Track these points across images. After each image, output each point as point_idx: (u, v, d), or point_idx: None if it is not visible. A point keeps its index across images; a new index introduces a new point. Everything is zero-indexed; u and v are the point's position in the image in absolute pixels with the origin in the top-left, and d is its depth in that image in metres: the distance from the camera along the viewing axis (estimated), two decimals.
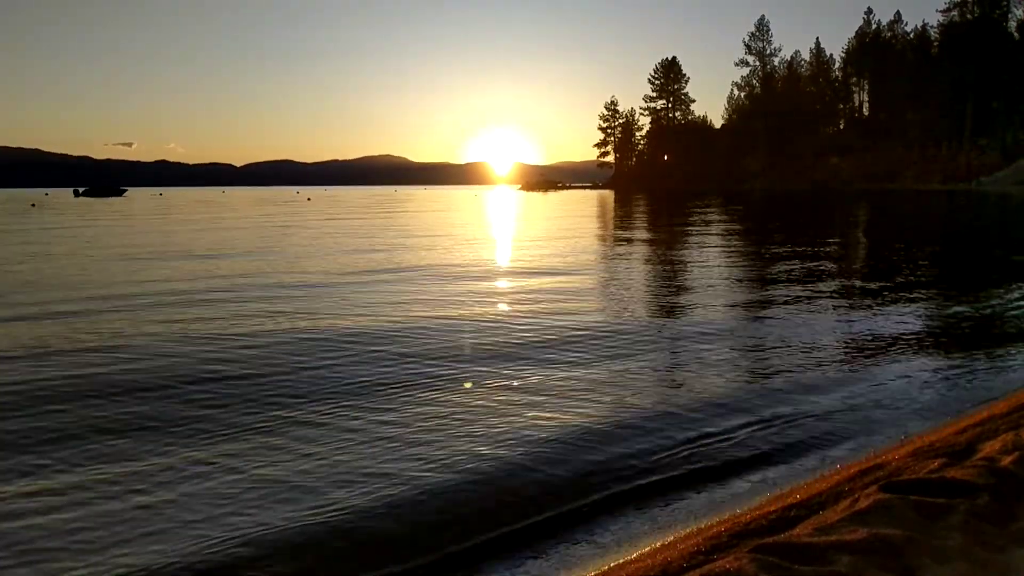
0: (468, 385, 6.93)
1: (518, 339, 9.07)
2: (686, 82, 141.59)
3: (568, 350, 8.46)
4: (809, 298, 12.23)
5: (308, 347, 8.63)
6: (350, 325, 9.97)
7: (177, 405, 6.38)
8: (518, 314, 10.86)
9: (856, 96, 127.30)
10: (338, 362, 7.90)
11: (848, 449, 5.40)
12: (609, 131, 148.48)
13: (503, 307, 11.69)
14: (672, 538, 4.06)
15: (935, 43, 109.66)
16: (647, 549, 3.95)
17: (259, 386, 6.97)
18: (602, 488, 4.73)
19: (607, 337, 9.19)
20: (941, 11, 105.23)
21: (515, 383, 7.06)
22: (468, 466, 5.03)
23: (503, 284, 14.71)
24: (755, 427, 5.83)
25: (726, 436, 5.63)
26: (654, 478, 4.89)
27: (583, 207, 58.10)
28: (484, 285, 14.24)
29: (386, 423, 5.90)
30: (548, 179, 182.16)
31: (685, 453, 5.30)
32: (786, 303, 11.81)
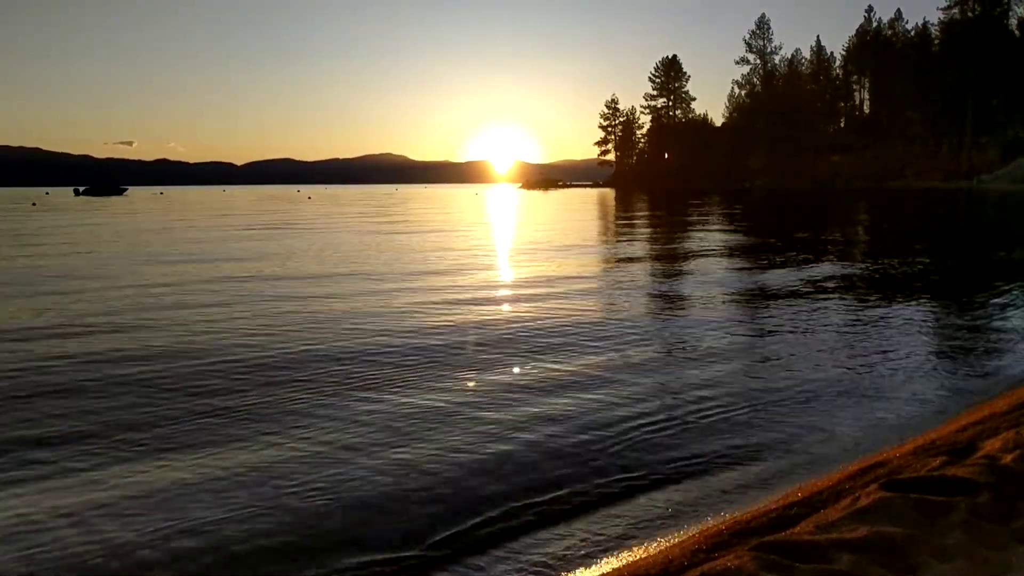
0: (471, 385, 6.94)
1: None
2: (687, 80, 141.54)
3: (567, 344, 8.50)
4: (808, 296, 12.23)
5: None
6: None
7: None
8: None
9: (857, 94, 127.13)
10: None
11: (849, 447, 5.40)
12: (610, 129, 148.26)
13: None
14: (674, 535, 4.07)
15: (936, 41, 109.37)
16: (648, 546, 3.95)
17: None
18: (602, 485, 4.74)
19: (605, 332, 9.22)
20: (942, 9, 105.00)
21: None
22: (472, 455, 5.06)
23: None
24: (755, 424, 5.84)
25: (725, 434, 5.64)
26: (654, 475, 4.90)
27: (584, 208, 57.98)
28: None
29: None
30: (548, 178, 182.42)
31: (684, 450, 5.30)
32: (785, 300, 11.81)
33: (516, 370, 7.57)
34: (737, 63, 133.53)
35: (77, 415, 6.20)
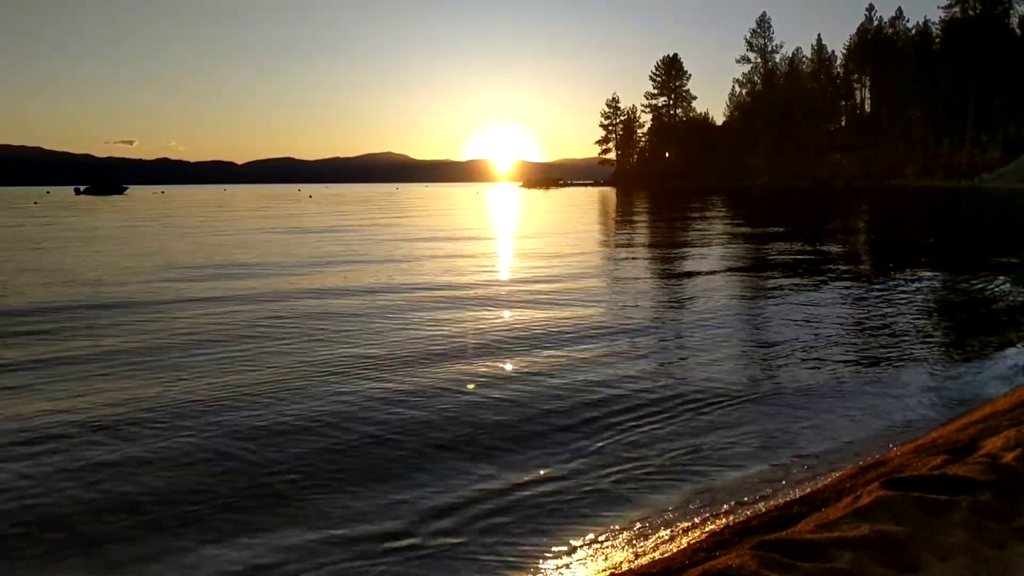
0: (471, 387, 6.92)
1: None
2: (687, 79, 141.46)
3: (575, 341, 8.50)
4: (811, 295, 12.23)
5: None
6: None
7: None
8: None
9: (858, 93, 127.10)
10: None
11: (850, 446, 5.40)
12: (610, 128, 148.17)
13: None
14: (675, 534, 4.07)
15: (937, 40, 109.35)
16: (650, 545, 3.96)
17: None
18: (601, 483, 4.74)
19: (609, 329, 9.22)
20: (943, 8, 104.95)
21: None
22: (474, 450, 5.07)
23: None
24: (756, 423, 5.85)
25: (727, 433, 5.64)
26: (654, 473, 4.90)
27: (590, 210, 57.92)
28: None
29: None
30: (549, 176, 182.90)
31: (686, 450, 5.31)
32: (788, 299, 11.80)
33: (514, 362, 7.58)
34: (738, 62, 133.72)
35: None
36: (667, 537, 4.05)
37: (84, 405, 6.39)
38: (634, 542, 4.04)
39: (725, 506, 4.43)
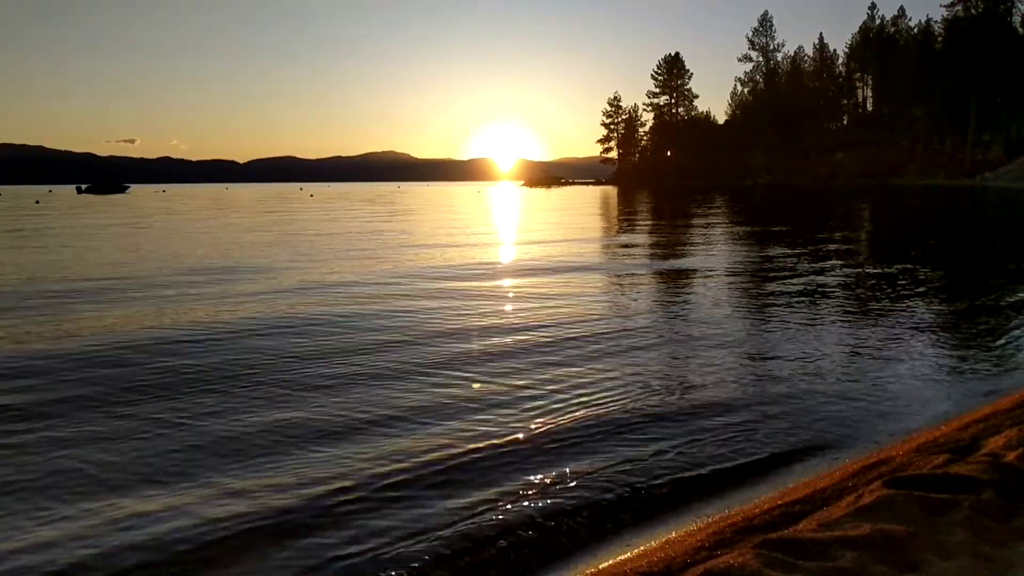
0: (476, 387, 6.91)
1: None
2: (689, 78, 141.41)
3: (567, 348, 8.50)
4: (812, 295, 12.22)
5: None
6: None
7: None
8: None
9: (860, 92, 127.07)
10: None
11: (852, 445, 5.40)
12: (612, 127, 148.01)
13: None
14: (676, 534, 4.07)
15: (939, 38, 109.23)
16: (650, 544, 3.96)
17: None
18: (603, 483, 4.74)
19: (609, 331, 9.22)
20: (945, 6, 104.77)
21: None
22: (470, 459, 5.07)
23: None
24: (757, 423, 5.84)
25: (729, 432, 5.63)
26: (655, 472, 4.90)
27: (593, 210, 57.81)
28: None
29: None
30: (551, 175, 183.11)
31: (687, 449, 5.30)
32: (789, 297, 11.79)
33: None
34: (740, 60, 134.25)
35: None
36: (667, 535, 4.05)
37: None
38: (633, 540, 4.03)
39: (726, 504, 4.43)
